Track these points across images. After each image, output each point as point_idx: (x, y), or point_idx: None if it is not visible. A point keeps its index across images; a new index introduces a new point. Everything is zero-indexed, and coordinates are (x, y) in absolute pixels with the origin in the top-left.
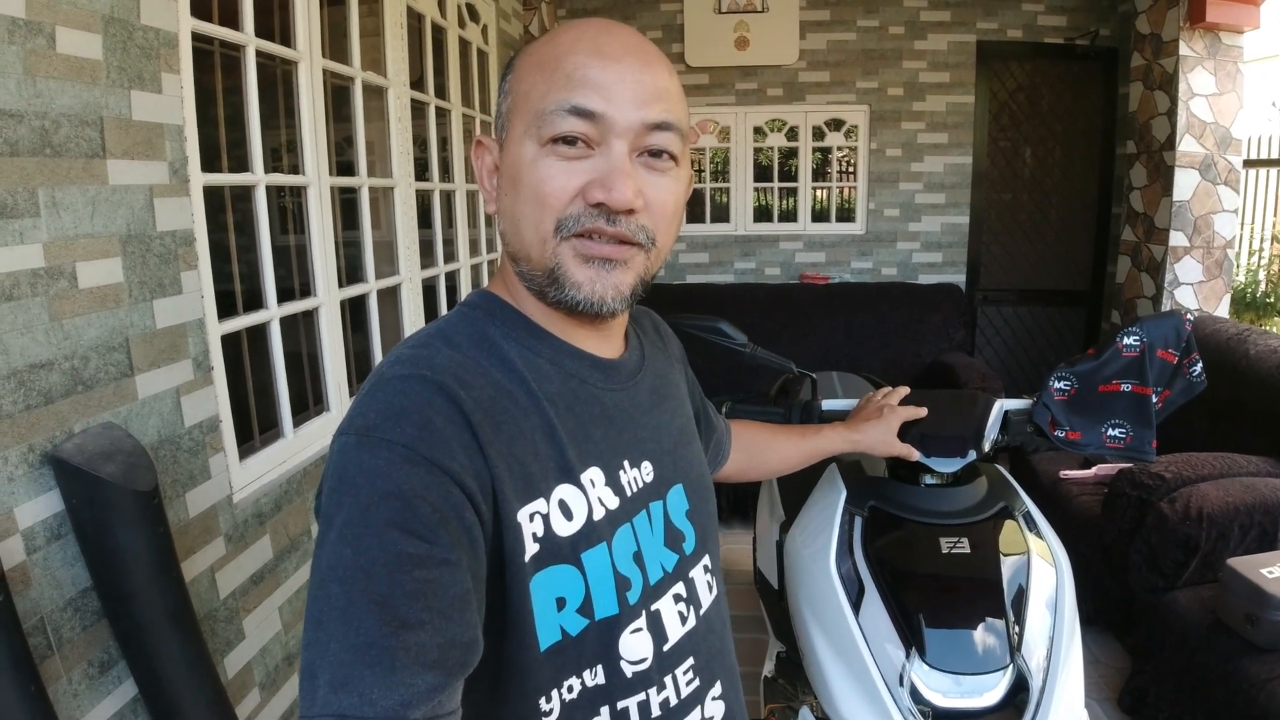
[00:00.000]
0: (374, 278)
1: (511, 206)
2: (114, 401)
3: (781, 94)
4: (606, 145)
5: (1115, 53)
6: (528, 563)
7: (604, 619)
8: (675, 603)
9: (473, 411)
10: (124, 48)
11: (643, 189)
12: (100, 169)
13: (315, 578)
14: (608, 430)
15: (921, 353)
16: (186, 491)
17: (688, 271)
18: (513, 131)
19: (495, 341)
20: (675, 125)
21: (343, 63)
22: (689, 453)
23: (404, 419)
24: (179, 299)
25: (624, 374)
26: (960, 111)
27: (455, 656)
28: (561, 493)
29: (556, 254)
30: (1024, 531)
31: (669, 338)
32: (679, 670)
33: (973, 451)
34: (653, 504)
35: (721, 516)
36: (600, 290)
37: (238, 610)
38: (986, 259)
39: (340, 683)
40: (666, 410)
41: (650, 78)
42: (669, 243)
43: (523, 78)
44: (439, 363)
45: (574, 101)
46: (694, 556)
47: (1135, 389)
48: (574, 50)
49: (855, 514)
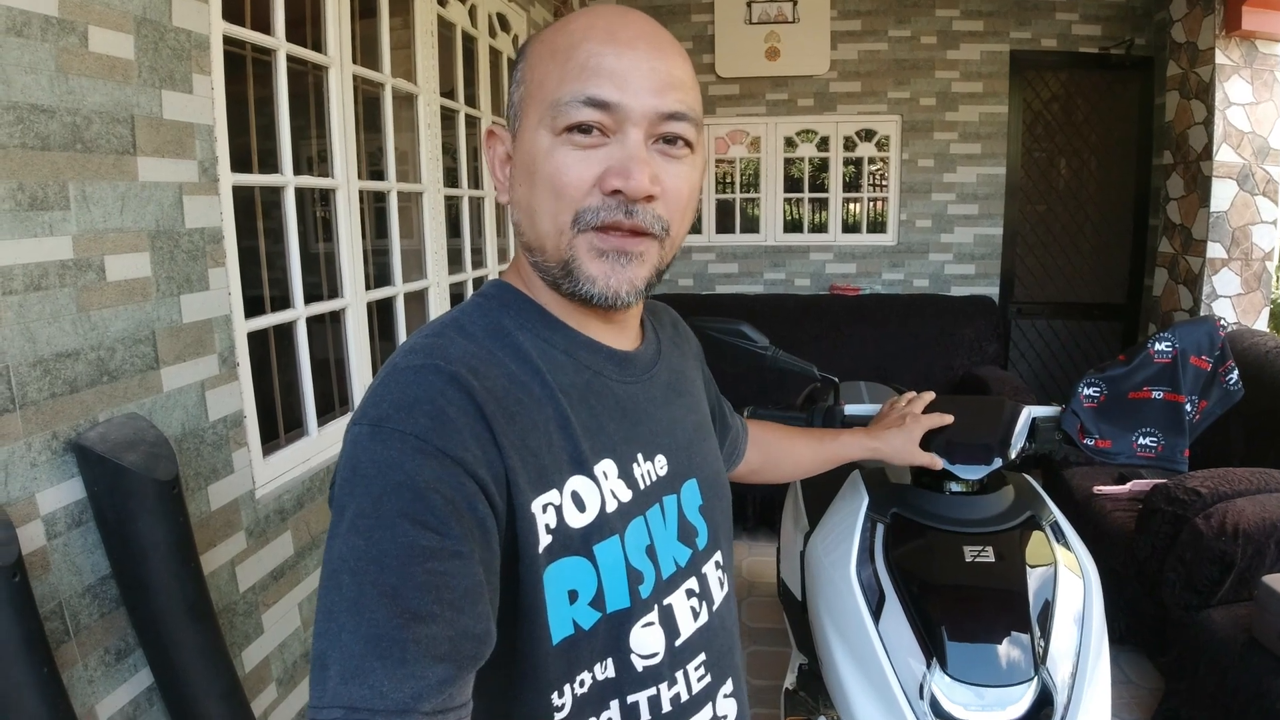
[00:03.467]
0: (401, 281)
1: (527, 197)
2: (139, 393)
3: (812, 104)
4: (622, 133)
5: (1151, 62)
6: (540, 554)
7: (616, 612)
8: (688, 598)
9: (486, 402)
10: (155, 48)
11: (659, 176)
12: (130, 165)
13: (327, 568)
14: (621, 423)
15: (953, 366)
16: (209, 485)
17: (717, 281)
18: (526, 121)
19: (509, 331)
20: (690, 115)
21: (373, 69)
22: (704, 448)
23: (417, 410)
24: (206, 295)
25: (639, 367)
26: (993, 122)
27: (467, 649)
28: (574, 484)
29: (572, 246)
30: (1051, 542)
31: (687, 335)
32: (690, 666)
33: (998, 459)
34: (666, 498)
35: (748, 527)
36: (615, 284)
37: (257, 604)
38: (1021, 271)
39: (351, 674)
40: (682, 405)
41: (665, 65)
42: (683, 231)
43: (535, 66)
44: (453, 353)
45: (589, 92)
46: (706, 552)
47: (1167, 396)
48: (587, 38)
49: (877, 521)
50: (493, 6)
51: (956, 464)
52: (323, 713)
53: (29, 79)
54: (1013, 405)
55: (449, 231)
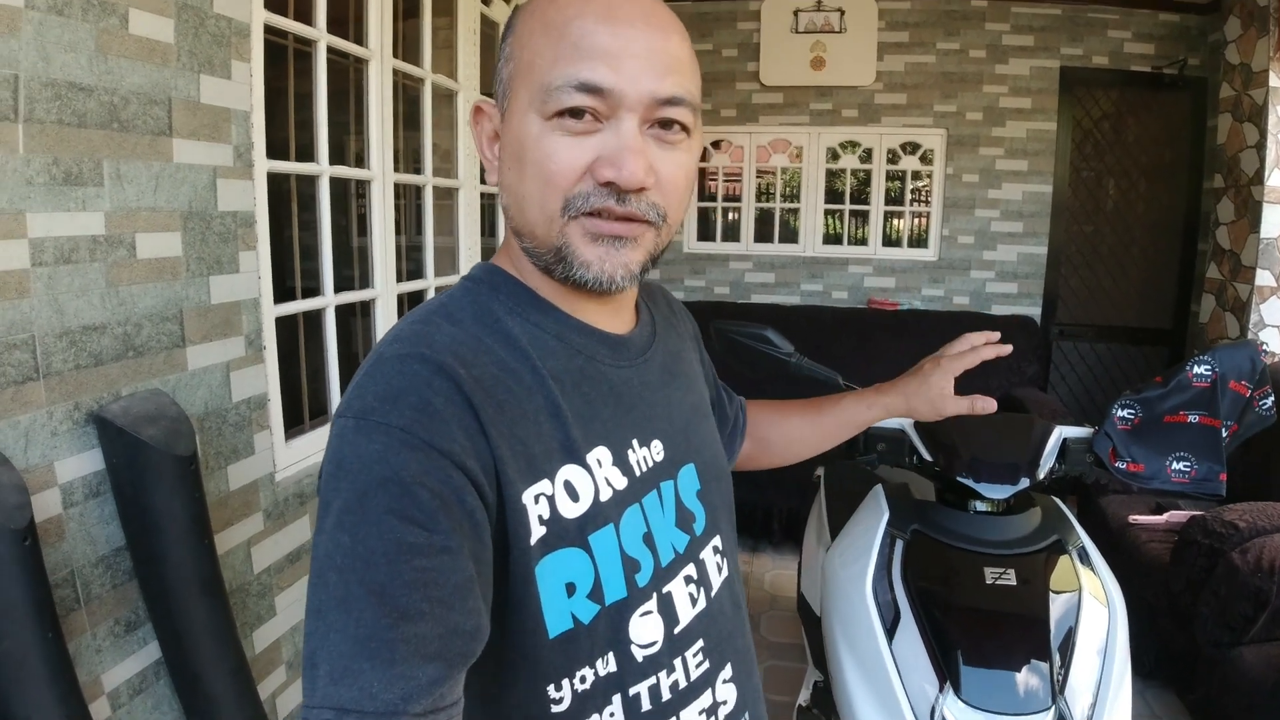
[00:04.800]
0: (433, 274)
1: (516, 183)
2: (163, 370)
3: (856, 115)
4: (616, 120)
5: (1204, 83)
6: (534, 546)
7: (614, 603)
8: (686, 584)
9: (474, 391)
10: (195, 33)
11: (654, 164)
12: (166, 146)
13: (315, 565)
14: (616, 408)
15: (991, 386)
16: (229, 465)
17: (753, 291)
18: (515, 101)
19: (499, 317)
20: (688, 100)
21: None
22: (701, 431)
23: (402, 401)
24: (235, 277)
25: (633, 350)
26: (1041, 139)
27: (457, 646)
28: (567, 473)
29: (564, 233)
30: (1077, 568)
31: (682, 315)
32: (689, 652)
33: (1026, 479)
34: (663, 484)
35: (774, 541)
36: (610, 269)
37: (271, 586)
38: (1064, 292)
39: (340, 674)
40: (678, 387)
41: (663, 45)
42: (680, 217)
43: (525, 43)
44: (439, 340)
45: (581, 76)
46: (704, 537)
47: (1203, 420)
48: (582, 14)
49: (897, 537)
50: None
51: (982, 482)
52: (314, 713)
53: (68, 57)
54: (1043, 424)
55: (484, 230)
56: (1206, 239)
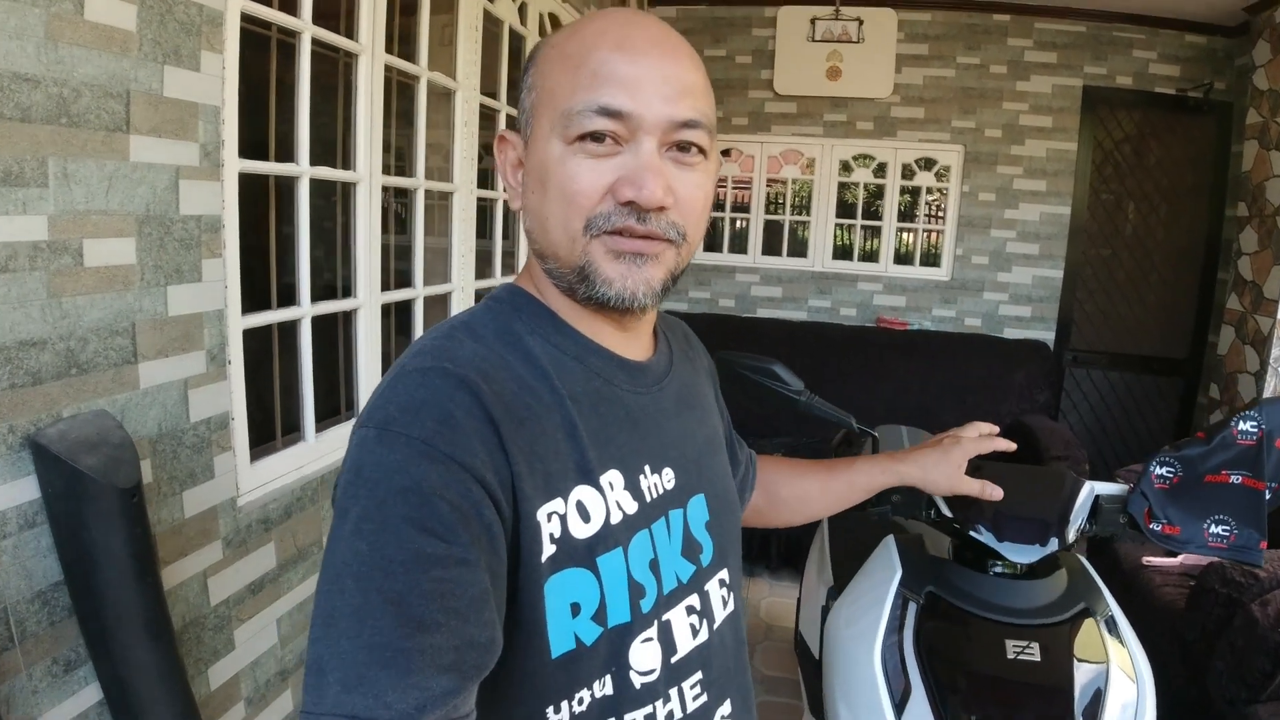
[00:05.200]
0: (422, 284)
1: (539, 205)
2: (111, 388)
3: (871, 128)
4: (635, 142)
5: (1230, 108)
6: (544, 563)
7: (616, 626)
8: (688, 614)
9: (494, 406)
10: (161, 21)
11: (672, 185)
12: (122, 144)
13: (329, 571)
14: (631, 433)
15: (1001, 412)
16: (184, 490)
17: (759, 305)
18: (538, 128)
19: (520, 336)
20: (703, 122)
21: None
22: (714, 463)
23: (424, 413)
24: (197, 287)
25: (650, 377)
26: (1061, 159)
27: (472, 658)
28: (580, 494)
29: (587, 251)
30: (1105, 638)
31: (699, 350)
32: (686, 684)
33: (1055, 539)
34: (672, 512)
35: (771, 566)
36: (632, 286)
37: (230, 619)
38: (1079, 317)
39: (354, 683)
40: (692, 418)
41: (677, 72)
42: (699, 237)
43: (546, 73)
44: (462, 355)
45: (601, 101)
46: (710, 569)
47: (1246, 481)
48: (599, 45)
49: (910, 599)
50: (544, 5)
51: (1005, 542)
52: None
53: (13, 45)
54: (1073, 479)
55: (481, 234)
56: (1227, 268)
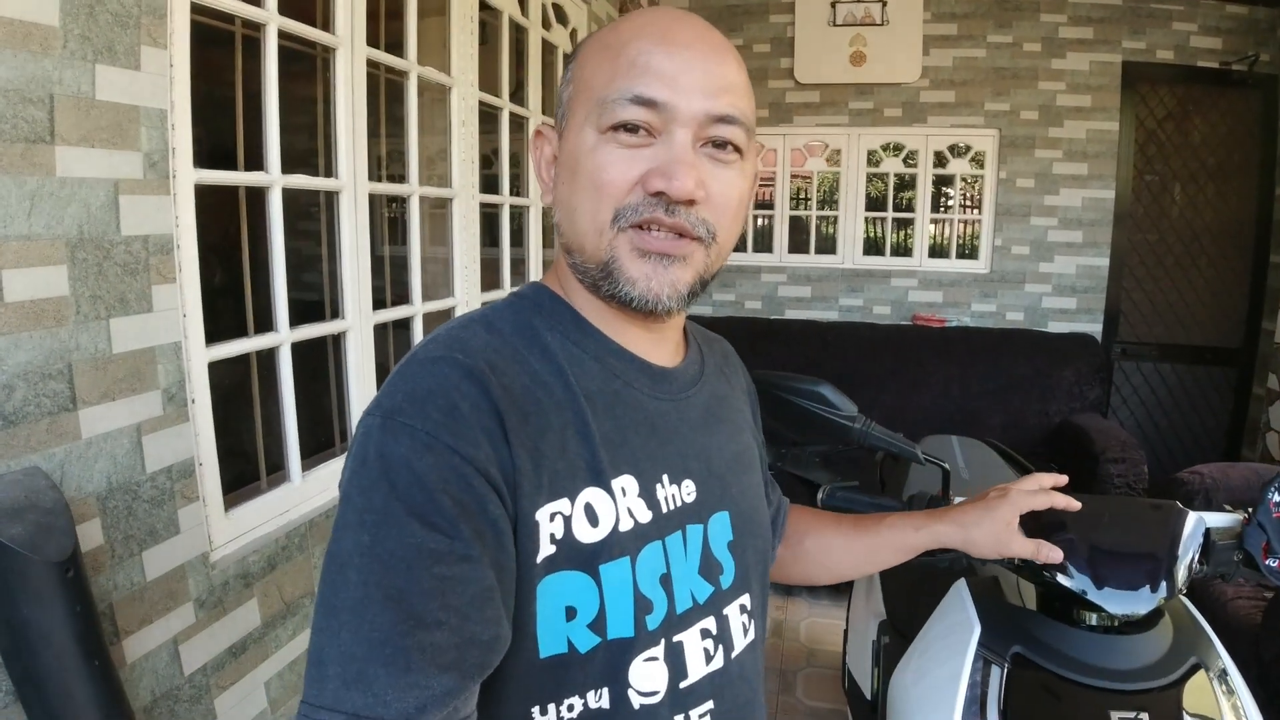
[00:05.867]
0: (420, 300)
1: (568, 196)
2: (46, 441)
3: (900, 115)
4: (669, 134)
5: (1276, 80)
6: (539, 564)
7: (617, 640)
8: (702, 638)
9: (500, 398)
10: (90, 13)
11: (705, 180)
12: (45, 157)
13: (332, 561)
14: (649, 440)
15: (1049, 412)
16: (144, 550)
17: (787, 306)
18: (573, 120)
19: (539, 331)
20: (741, 120)
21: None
22: (742, 482)
23: (429, 403)
24: (147, 318)
25: (676, 385)
26: (1102, 140)
27: (473, 656)
28: (589, 496)
29: (613, 246)
30: (1217, 695)
31: (738, 369)
32: (694, 712)
33: (1165, 584)
34: (690, 526)
35: (811, 586)
36: (656, 287)
37: (208, 688)
38: (1126, 307)
39: (353, 678)
40: (721, 433)
41: (719, 68)
42: (731, 240)
43: (586, 64)
44: (474, 346)
45: (636, 90)
46: (731, 592)
47: None
48: (640, 36)
49: (992, 663)
50: None
51: (1106, 588)
52: (322, 714)
53: None
54: (1177, 510)
55: (486, 243)
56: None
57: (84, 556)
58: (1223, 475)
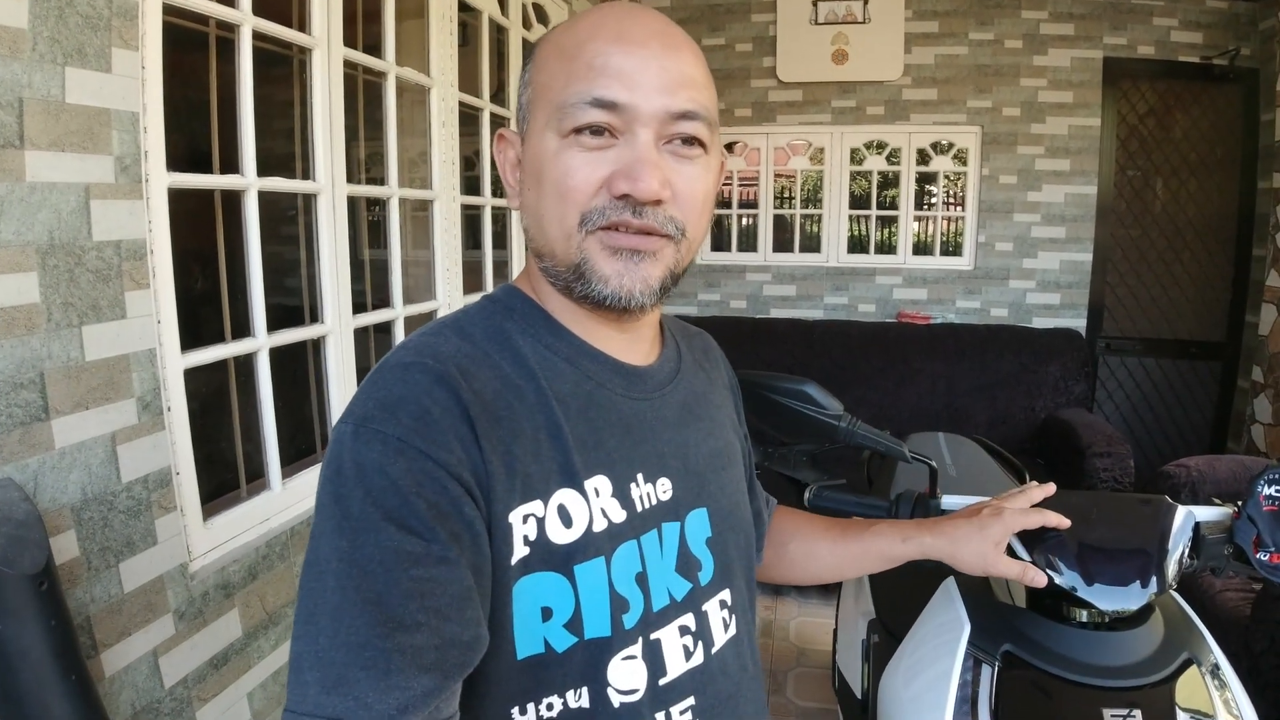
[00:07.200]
0: (402, 303)
1: (535, 202)
2: (18, 451)
3: (883, 113)
4: (631, 134)
5: (1257, 74)
6: (514, 565)
7: (594, 639)
8: (680, 635)
9: (471, 403)
10: (60, 15)
11: (670, 179)
12: (15, 161)
13: (310, 568)
14: (623, 439)
15: (1035, 407)
16: (121, 561)
17: (772, 304)
18: (534, 124)
19: (510, 335)
20: (702, 114)
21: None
22: (720, 478)
23: (400, 409)
24: (121, 325)
25: (650, 383)
26: (1084, 135)
27: (453, 657)
28: (561, 497)
29: (583, 248)
30: (1210, 689)
31: (719, 363)
32: (675, 709)
33: (1155, 579)
34: (666, 525)
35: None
36: (629, 284)
37: (189, 700)
38: (1110, 302)
39: (333, 683)
40: (698, 430)
41: (676, 64)
42: (700, 235)
43: (543, 67)
44: (444, 351)
45: (595, 93)
46: (710, 588)
47: None
48: (595, 36)
49: (983, 661)
50: None
51: (1097, 585)
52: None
53: None
54: (1165, 505)
55: (469, 245)
56: (1264, 244)
57: (59, 569)
58: (1209, 468)
